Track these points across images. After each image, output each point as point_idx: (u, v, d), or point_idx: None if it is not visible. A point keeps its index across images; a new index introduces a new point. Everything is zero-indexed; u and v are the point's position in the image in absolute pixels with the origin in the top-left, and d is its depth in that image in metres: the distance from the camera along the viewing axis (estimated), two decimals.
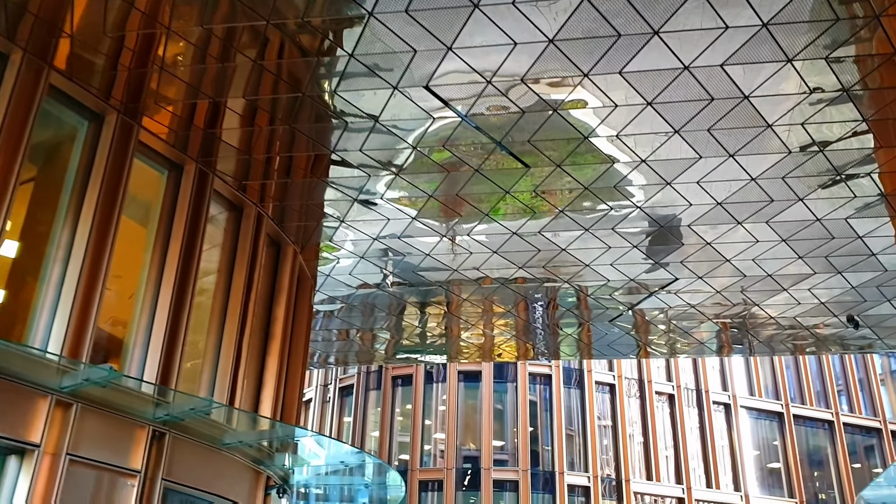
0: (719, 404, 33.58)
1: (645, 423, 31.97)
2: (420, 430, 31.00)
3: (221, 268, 11.01)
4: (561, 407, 30.88)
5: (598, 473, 30.25)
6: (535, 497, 29.71)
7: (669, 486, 31.13)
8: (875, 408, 35.80)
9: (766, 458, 34.11)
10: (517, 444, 30.16)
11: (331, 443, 13.28)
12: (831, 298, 14.03)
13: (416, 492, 29.74)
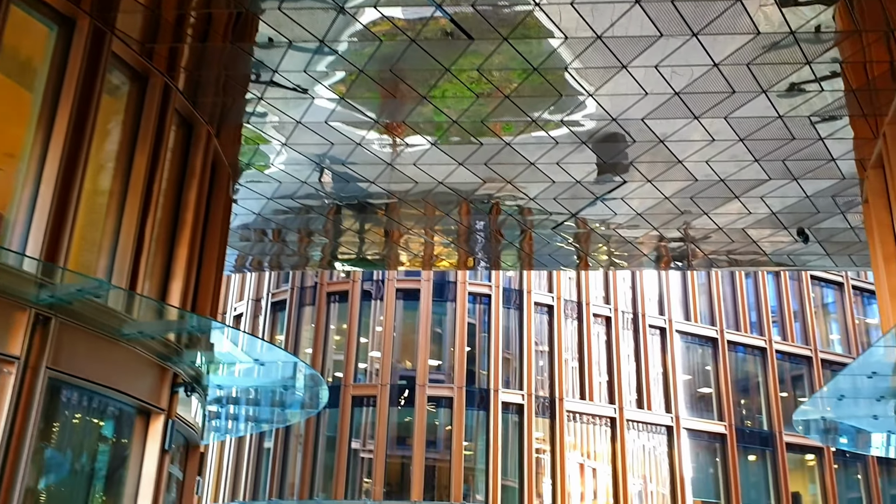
0: (655, 328, 33.66)
1: (581, 345, 31.88)
2: (355, 347, 30.32)
3: (122, 144, 9.78)
4: (499, 327, 30.48)
5: (533, 392, 30.13)
6: (470, 414, 29.48)
7: (602, 405, 31.27)
8: (807, 337, 36.43)
9: (699, 382, 34.53)
10: (453, 362, 29.76)
11: (245, 338, 12.30)
12: (784, 209, 13.47)
13: (348, 407, 29.21)
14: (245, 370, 12.12)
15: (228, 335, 11.60)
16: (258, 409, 13.73)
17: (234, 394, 12.84)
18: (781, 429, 33.72)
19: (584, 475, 30.53)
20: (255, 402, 13.33)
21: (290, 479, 29.33)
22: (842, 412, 12.55)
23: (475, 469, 29.11)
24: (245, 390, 12.96)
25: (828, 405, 12.66)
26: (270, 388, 12.44)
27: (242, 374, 12.35)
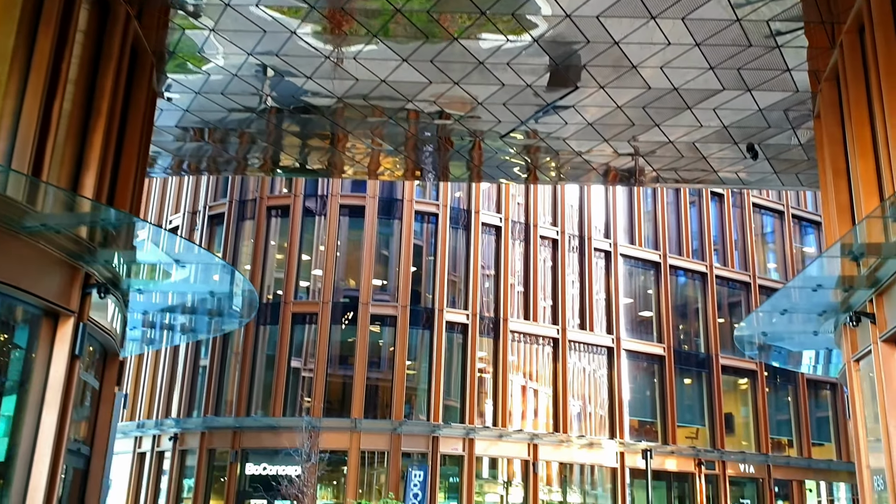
0: (600, 251, 33.68)
1: (527, 266, 31.74)
2: (296, 264, 29.63)
3: (24, 21, 8.76)
4: (446, 247, 30.08)
5: (478, 312, 30.00)
6: (414, 333, 29.27)
7: (545, 326, 31.38)
8: (747, 263, 36.93)
9: (640, 305, 34.87)
10: (398, 282, 29.35)
11: (165, 237, 11.54)
12: (735, 122, 13.07)
13: (288, 324, 28.69)
14: (167, 274, 11.43)
15: (149, 234, 10.80)
16: (183, 316, 13.06)
17: (155, 299, 12.13)
18: (718, 352, 34.41)
19: (526, 396, 30.80)
20: (179, 309, 12.65)
21: (227, 396, 28.91)
22: (783, 327, 12.46)
23: (417, 388, 29.07)
24: (167, 296, 12.26)
25: (770, 320, 12.55)
26: (195, 293, 11.77)
27: (164, 278, 11.65)
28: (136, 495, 30.26)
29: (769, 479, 33.85)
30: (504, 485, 29.86)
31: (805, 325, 12.38)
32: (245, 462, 27.60)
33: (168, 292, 12.22)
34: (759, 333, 13.17)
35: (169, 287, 12.00)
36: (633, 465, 30.88)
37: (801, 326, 12.56)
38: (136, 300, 12.76)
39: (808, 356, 15.46)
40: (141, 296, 12.71)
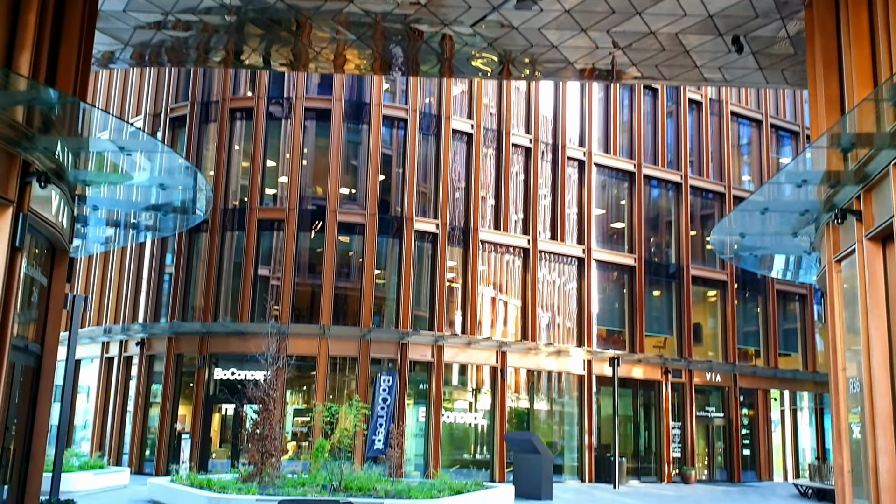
0: (574, 160, 33.05)
1: (498, 174, 31.09)
2: (261, 168, 28.70)
3: None
4: (415, 153, 29.27)
5: (448, 221, 29.48)
6: (382, 241, 28.76)
7: (516, 236, 30.99)
8: (722, 174, 36.59)
9: (612, 216, 34.56)
10: (366, 189, 28.61)
11: (113, 122, 10.72)
12: (721, 10, 12.32)
13: (254, 231, 27.99)
14: (115, 166, 10.67)
15: (95, 119, 10.00)
16: (135, 212, 12.35)
17: (104, 193, 11.40)
18: (689, 263, 34.39)
19: (496, 305, 30.65)
20: (130, 204, 11.94)
21: (195, 301, 28.40)
22: (761, 228, 12.07)
23: (386, 298, 28.75)
24: (116, 189, 11.52)
25: (749, 220, 12.13)
26: (145, 186, 11.04)
27: (112, 169, 10.90)
28: (105, 400, 30.01)
29: (735, 387, 34.42)
30: (472, 392, 30.01)
31: (785, 226, 12.00)
32: (213, 367, 27.36)
33: (117, 185, 11.48)
34: (735, 234, 12.79)
35: (117, 179, 11.26)
36: (600, 372, 31.13)
37: (781, 227, 12.19)
38: (85, 194, 12.00)
39: (782, 261, 15.19)
40: (89, 189, 11.95)
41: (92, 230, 13.60)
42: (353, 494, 15.82)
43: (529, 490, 21.76)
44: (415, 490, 15.77)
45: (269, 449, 17.30)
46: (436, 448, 27.50)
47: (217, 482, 16.83)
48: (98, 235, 14.20)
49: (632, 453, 32.32)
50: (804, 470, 36.98)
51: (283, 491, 15.60)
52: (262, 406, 17.59)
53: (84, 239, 14.68)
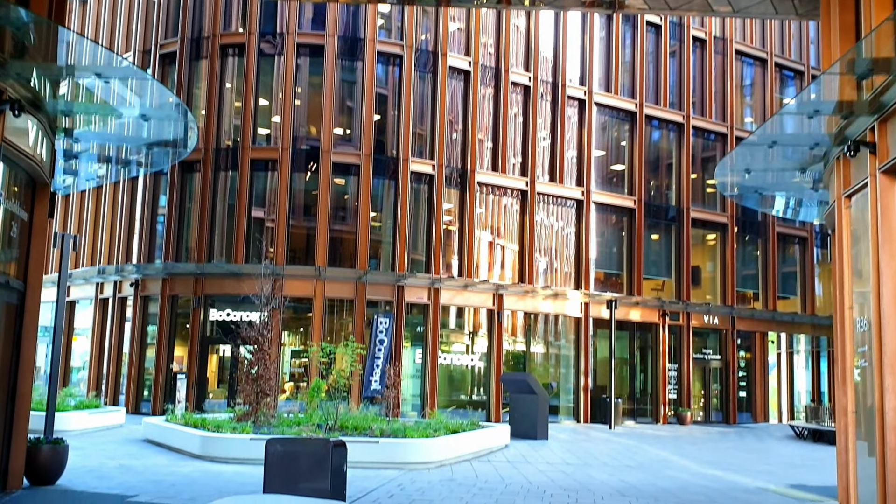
0: (574, 100, 32.37)
1: (497, 114, 30.47)
2: (253, 107, 28.07)
3: None
4: (411, 91, 28.59)
5: (444, 162, 28.96)
6: (378, 182, 28.30)
7: (514, 178, 30.51)
8: (725, 114, 35.94)
9: (612, 157, 34.04)
10: (361, 129, 28.02)
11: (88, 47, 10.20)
12: None
13: (247, 171, 27.49)
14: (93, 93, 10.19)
15: (73, 46, 9.50)
16: (118, 145, 11.90)
17: (83, 125, 10.93)
18: (689, 205, 34.00)
19: (493, 248, 30.34)
20: (113, 137, 11.48)
21: (189, 243, 28.06)
22: (769, 162, 11.66)
23: (382, 240, 28.41)
24: (101, 121, 11.06)
25: (756, 155, 11.71)
26: (127, 117, 10.58)
27: (93, 100, 10.42)
28: (101, 342, 29.88)
29: (732, 330, 34.36)
30: (469, 334, 29.93)
31: (792, 161, 11.59)
32: (208, 308, 27.16)
33: (98, 116, 11.02)
34: (741, 171, 12.38)
35: (98, 110, 10.79)
36: (597, 315, 30.99)
37: (788, 162, 11.78)
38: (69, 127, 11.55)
39: (785, 200, 14.82)
40: (73, 122, 11.50)
41: (78, 165, 13.17)
42: (348, 433, 15.71)
43: (525, 430, 21.75)
44: (410, 429, 15.66)
45: (264, 389, 17.15)
46: (432, 389, 27.50)
47: (212, 421, 16.72)
48: (86, 171, 13.77)
49: (628, 395, 32.42)
50: (799, 412, 37.25)
51: (277, 430, 15.48)
52: (257, 346, 17.37)
53: (74, 175, 14.28)
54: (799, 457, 19.91)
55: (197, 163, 27.97)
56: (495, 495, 11.53)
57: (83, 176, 14.18)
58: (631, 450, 19.94)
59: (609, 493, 12.04)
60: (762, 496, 12.32)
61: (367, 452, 14.26)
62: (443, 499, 11.07)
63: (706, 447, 21.85)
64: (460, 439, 16.19)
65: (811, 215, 15.07)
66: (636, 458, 17.84)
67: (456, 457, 15.71)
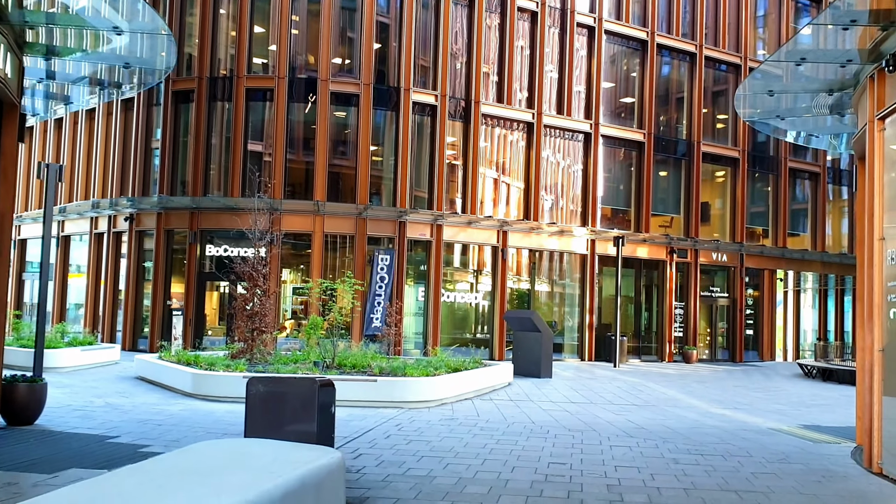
0: (583, 27, 31.07)
1: (502, 43, 29.27)
2: (248, 34, 26.93)
3: None
4: (412, 18, 27.38)
5: (447, 93, 27.91)
6: (378, 113, 27.33)
7: (520, 110, 29.46)
8: (738, 45, 34.60)
9: (622, 89, 32.88)
10: (361, 57, 26.90)
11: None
12: None
13: (243, 101, 26.52)
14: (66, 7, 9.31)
15: None
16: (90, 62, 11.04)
17: (54, 40, 10.07)
18: (700, 139, 32.97)
19: (498, 185, 29.49)
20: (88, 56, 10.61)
21: (184, 176, 27.27)
22: (794, 83, 10.76)
23: (383, 174, 27.57)
24: (73, 38, 10.18)
25: (781, 74, 10.81)
26: (100, 31, 9.70)
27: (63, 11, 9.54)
28: (97, 277, 29.36)
29: (741, 267, 33.69)
30: (473, 272, 29.31)
31: (819, 83, 10.70)
32: (205, 244, 26.51)
33: (69, 29, 10.13)
34: (763, 93, 11.48)
35: (67, 21, 9.91)
36: (603, 252, 30.32)
37: (814, 84, 10.89)
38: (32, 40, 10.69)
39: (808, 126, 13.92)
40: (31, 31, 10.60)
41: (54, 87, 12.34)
42: (345, 371, 15.21)
43: (529, 368, 21.29)
44: (410, 368, 15.13)
45: (260, 326, 16.58)
46: (435, 327, 27.01)
47: (206, 359, 16.23)
48: (65, 94, 12.94)
49: (633, 333, 31.95)
50: (804, 350, 36.84)
51: (272, 368, 14.96)
52: (251, 282, 16.75)
53: (50, 98, 13.46)
54: (809, 396, 19.42)
55: (191, 92, 27.00)
56: (496, 436, 11.01)
57: (60, 99, 13.36)
58: (636, 388, 19.47)
59: (615, 434, 11.51)
60: (775, 437, 11.79)
61: (366, 391, 13.75)
62: (441, 439, 10.55)
63: (713, 386, 21.39)
64: (462, 377, 15.67)
65: (833, 146, 14.20)
66: (642, 397, 17.35)
67: (457, 395, 15.21)
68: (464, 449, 9.83)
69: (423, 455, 9.31)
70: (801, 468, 9.24)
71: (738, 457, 9.89)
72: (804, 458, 9.91)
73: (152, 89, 27.99)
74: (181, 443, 9.52)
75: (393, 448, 9.74)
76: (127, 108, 28.95)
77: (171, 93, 27.39)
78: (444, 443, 10.25)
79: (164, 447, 9.15)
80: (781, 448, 10.70)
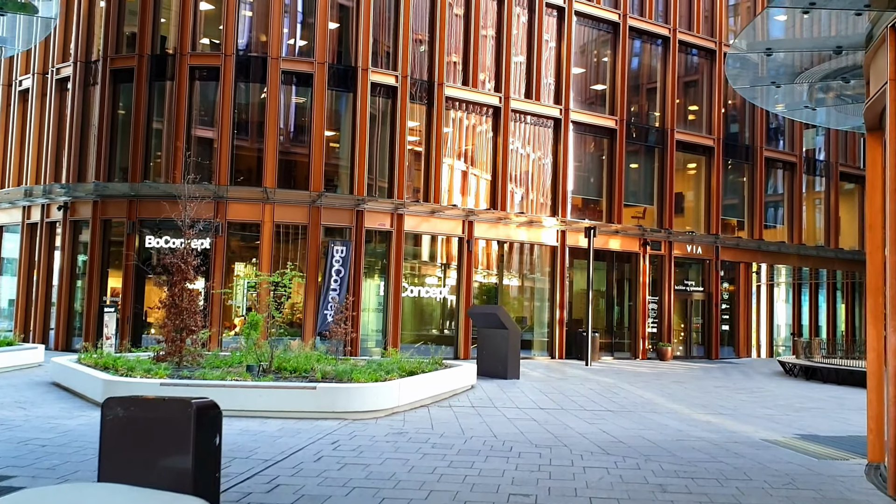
0: (552, 7, 29.41)
1: (468, 22, 27.52)
2: (192, 7, 24.89)
3: None
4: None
5: (409, 73, 26.11)
6: (333, 94, 25.46)
7: (486, 93, 27.76)
8: (713, 30, 33.21)
9: (592, 73, 31.30)
10: (315, 33, 25.01)
11: None
12: None
13: (186, 81, 24.50)
14: None
15: None
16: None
17: None
18: (674, 126, 31.53)
19: (464, 174, 27.76)
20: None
21: (122, 161, 25.19)
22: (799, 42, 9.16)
23: (340, 159, 25.74)
24: None
25: (785, 22, 9.20)
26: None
27: None
28: (29, 271, 27.11)
29: (716, 260, 32.33)
30: (437, 265, 27.59)
31: (827, 41, 9.11)
32: (144, 234, 24.45)
33: None
34: (761, 50, 9.87)
35: None
36: (574, 244, 28.74)
37: (822, 41, 9.30)
38: None
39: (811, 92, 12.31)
40: None
41: None
42: (282, 377, 13.40)
43: (494, 368, 19.63)
44: (358, 371, 13.36)
45: (189, 324, 14.70)
46: (395, 324, 25.23)
47: (126, 362, 14.31)
48: None
49: (605, 329, 30.45)
50: (777, 346, 35.65)
51: (198, 373, 13.11)
52: (179, 275, 14.84)
53: None
54: (796, 397, 17.97)
55: (131, 70, 24.92)
56: (450, 455, 9.30)
57: None
58: (611, 390, 17.89)
59: (589, 451, 9.86)
60: (772, 452, 10.23)
61: (304, 400, 11.96)
62: (383, 461, 8.81)
63: (692, 386, 19.89)
64: (417, 382, 13.94)
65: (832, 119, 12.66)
66: (617, 401, 15.76)
67: (411, 403, 13.47)
68: (407, 475, 8.10)
69: (356, 486, 7.56)
70: (812, 497, 7.64)
71: (735, 480, 8.29)
72: (813, 482, 8.32)
73: (89, 67, 25.86)
74: (55, 473, 7.67)
75: (320, 476, 7.97)
76: (62, 88, 26.78)
77: (110, 71, 25.28)
78: (385, 467, 8.52)
79: (31, 480, 7.32)
80: (783, 467, 9.12)
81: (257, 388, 12.04)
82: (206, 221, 16.81)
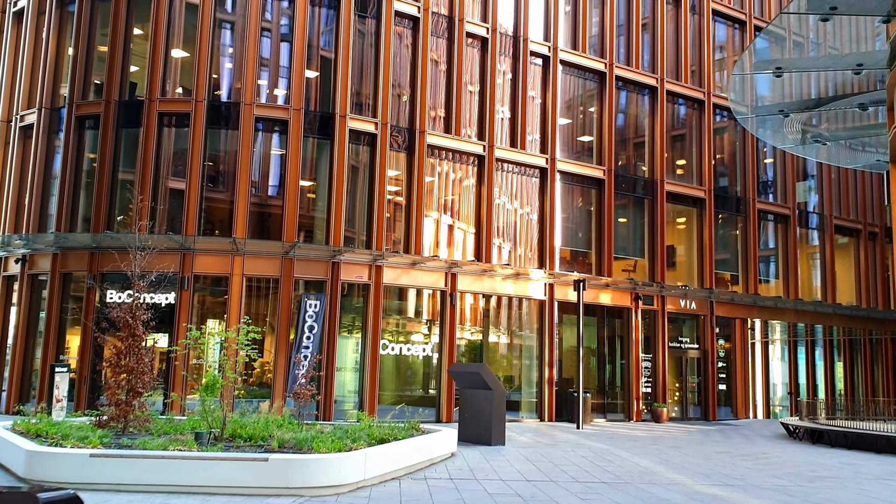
0: (537, 56, 28.65)
1: (450, 68, 26.66)
2: (163, 52, 23.89)
3: None
4: (350, 35, 24.64)
5: (389, 121, 25.08)
6: (310, 142, 24.34)
7: (469, 141, 26.74)
8: (702, 80, 32.55)
9: (579, 123, 30.43)
10: (291, 79, 24.02)
11: None
12: None
13: (154, 127, 23.33)
14: None
15: None
16: None
17: None
18: (664, 176, 30.57)
19: (445, 222, 26.54)
20: None
21: (85, 211, 23.85)
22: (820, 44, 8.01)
23: (315, 209, 24.49)
24: None
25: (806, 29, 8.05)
26: None
27: None
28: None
29: (711, 315, 31.02)
30: (420, 321, 26.17)
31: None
32: (105, 289, 22.93)
33: None
34: (767, 66, 8.70)
35: None
36: (563, 298, 27.42)
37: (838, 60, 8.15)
38: None
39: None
40: None
41: None
42: (235, 446, 11.87)
43: (477, 433, 18.07)
44: (321, 440, 11.86)
45: (135, 385, 13.19)
46: (372, 384, 23.65)
47: (63, 428, 12.73)
48: None
49: (597, 388, 28.90)
50: (774, 406, 34.18)
51: (139, 442, 11.56)
52: (126, 331, 13.39)
53: None
54: (806, 464, 16.49)
55: (96, 117, 23.77)
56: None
57: None
58: (605, 457, 16.36)
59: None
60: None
61: (254, 474, 10.42)
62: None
63: (692, 452, 18.36)
64: (387, 451, 12.41)
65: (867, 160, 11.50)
66: (612, 470, 14.24)
67: (381, 475, 11.93)
68: None
69: None
70: None
71: None
72: None
73: (54, 114, 24.72)
74: None
75: None
76: (26, 135, 25.58)
77: (75, 118, 24.13)
78: None
79: None
80: None
81: (201, 461, 10.51)
82: (162, 274, 15.42)
